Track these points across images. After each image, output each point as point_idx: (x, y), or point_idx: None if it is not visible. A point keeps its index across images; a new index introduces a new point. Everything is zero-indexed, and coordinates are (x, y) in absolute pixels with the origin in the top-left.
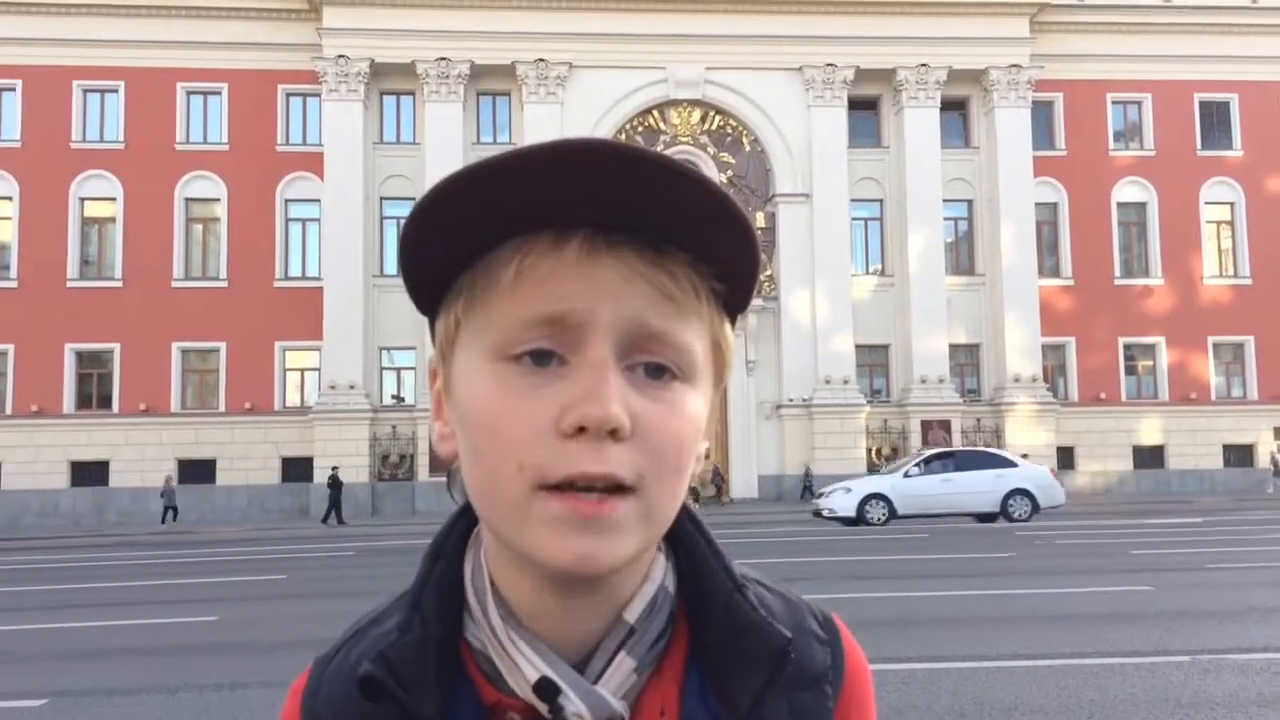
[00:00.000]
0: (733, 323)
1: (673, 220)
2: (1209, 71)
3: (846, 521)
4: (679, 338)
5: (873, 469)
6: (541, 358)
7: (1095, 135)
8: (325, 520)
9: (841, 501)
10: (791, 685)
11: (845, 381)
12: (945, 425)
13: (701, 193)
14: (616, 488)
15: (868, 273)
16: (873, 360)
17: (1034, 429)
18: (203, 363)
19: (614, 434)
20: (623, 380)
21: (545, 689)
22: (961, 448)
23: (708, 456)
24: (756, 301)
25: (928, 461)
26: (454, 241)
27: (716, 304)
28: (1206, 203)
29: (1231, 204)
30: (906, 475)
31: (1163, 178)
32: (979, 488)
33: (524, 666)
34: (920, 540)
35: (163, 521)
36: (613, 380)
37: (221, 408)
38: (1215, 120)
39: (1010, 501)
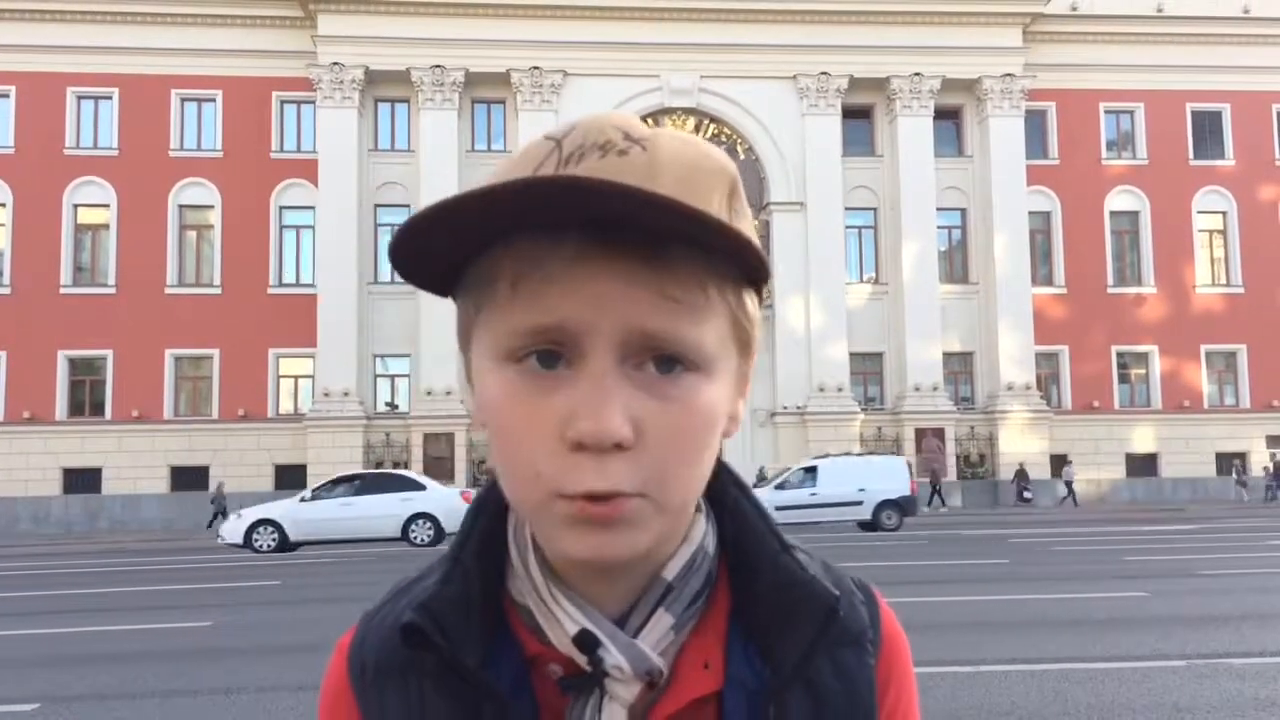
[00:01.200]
0: (757, 293)
1: (669, 230)
2: (1201, 81)
3: (237, 546)
4: (685, 336)
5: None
6: (547, 359)
7: (1088, 144)
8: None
9: (231, 527)
10: (836, 644)
11: (839, 389)
12: (939, 433)
13: (691, 222)
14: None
15: (862, 281)
16: (867, 368)
17: (1027, 437)
18: (196, 369)
19: (617, 445)
20: (627, 384)
21: (585, 641)
22: (369, 470)
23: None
24: None
25: (332, 485)
26: (450, 249)
27: (732, 285)
28: (1199, 212)
29: (1224, 213)
30: (303, 500)
31: (1155, 187)
32: (382, 512)
33: (564, 620)
34: (917, 547)
35: (209, 526)
36: (613, 392)
37: (215, 415)
38: (1207, 130)
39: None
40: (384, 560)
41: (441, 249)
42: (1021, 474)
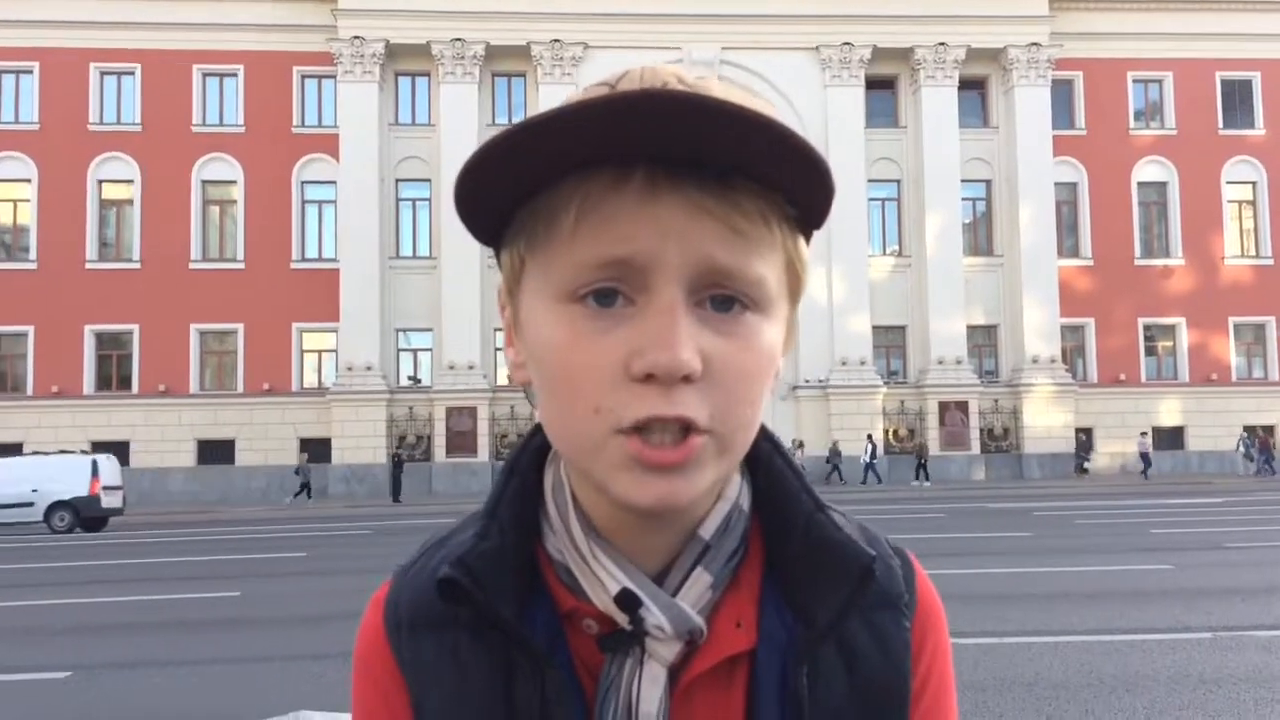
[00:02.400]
0: (807, 239)
1: (737, 156)
2: (1231, 50)
3: None
4: (750, 272)
5: (889, 450)
6: (605, 297)
7: (1116, 114)
8: (395, 498)
9: None
10: (871, 606)
11: (862, 362)
12: (963, 407)
13: (769, 136)
14: (690, 427)
15: (885, 253)
16: (890, 341)
17: (1052, 410)
18: (220, 344)
19: (685, 378)
20: (692, 319)
21: (627, 600)
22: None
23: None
24: None
25: None
26: (512, 183)
27: (789, 226)
28: (1228, 182)
29: (1253, 183)
30: None
31: (1184, 157)
32: None
33: (605, 579)
34: (940, 520)
35: (294, 497)
36: (682, 324)
37: (240, 389)
38: (1237, 99)
39: None
40: (413, 533)
41: (505, 183)
42: (1082, 445)
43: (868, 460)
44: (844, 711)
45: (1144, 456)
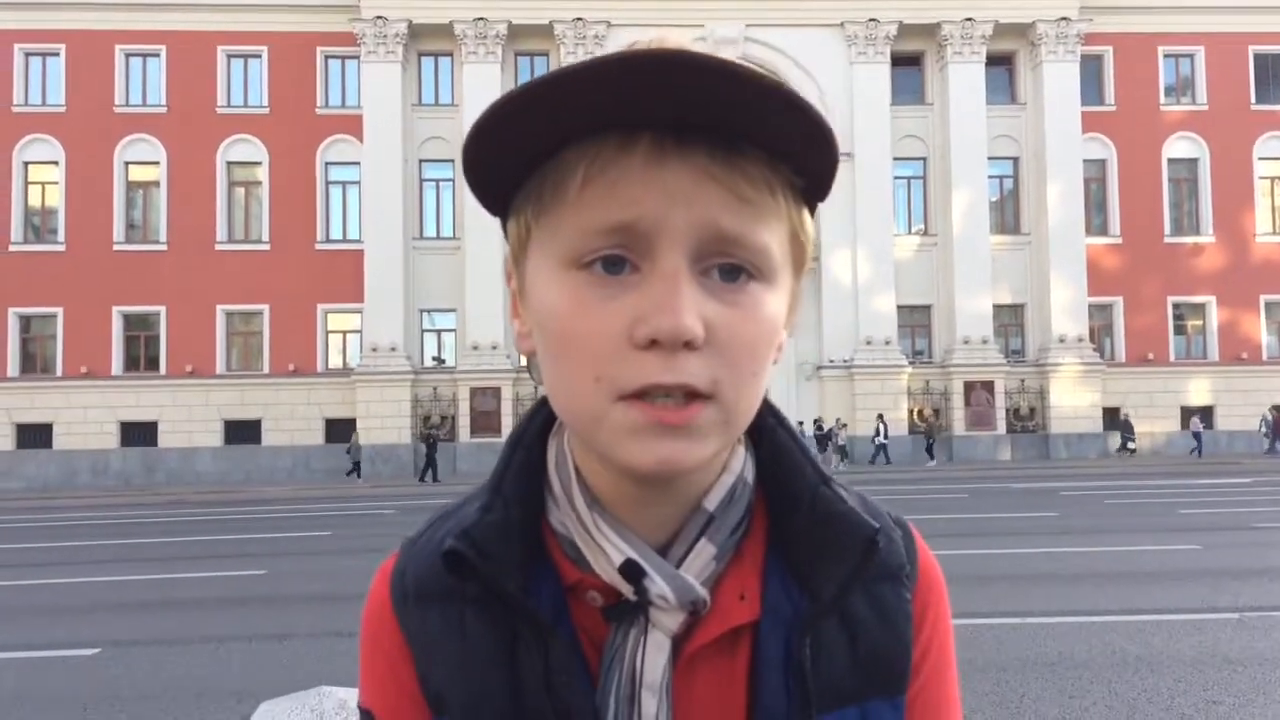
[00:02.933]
0: (812, 212)
1: (745, 122)
2: (1264, 23)
3: None
4: (755, 239)
5: (913, 430)
6: (613, 264)
7: (1146, 90)
8: (422, 478)
9: None
10: (874, 577)
11: (887, 342)
12: (989, 386)
13: (783, 101)
14: (693, 394)
15: (910, 232)
16: (915, 321)
17: (1079, 390)
18: (246, 325)
19: (688, 344)
20: (696, 287)
21: (631, 571)
22: None
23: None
24: None
25: None
26: (520, 146)
27: (795, 196)
28: (1260, 158)
29: None
30: None
31: (1215, 133)
32: None
33: (609, 550)
34: (961, 500)
35: (347, 475)
36: (685, 290)
37: (266, 369)
38: (1270, 73)
39: None
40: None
41: (513, 147)
42: (1125, 425)
43: (881, 441)
44: (846, 682)
45: (1196, 436)
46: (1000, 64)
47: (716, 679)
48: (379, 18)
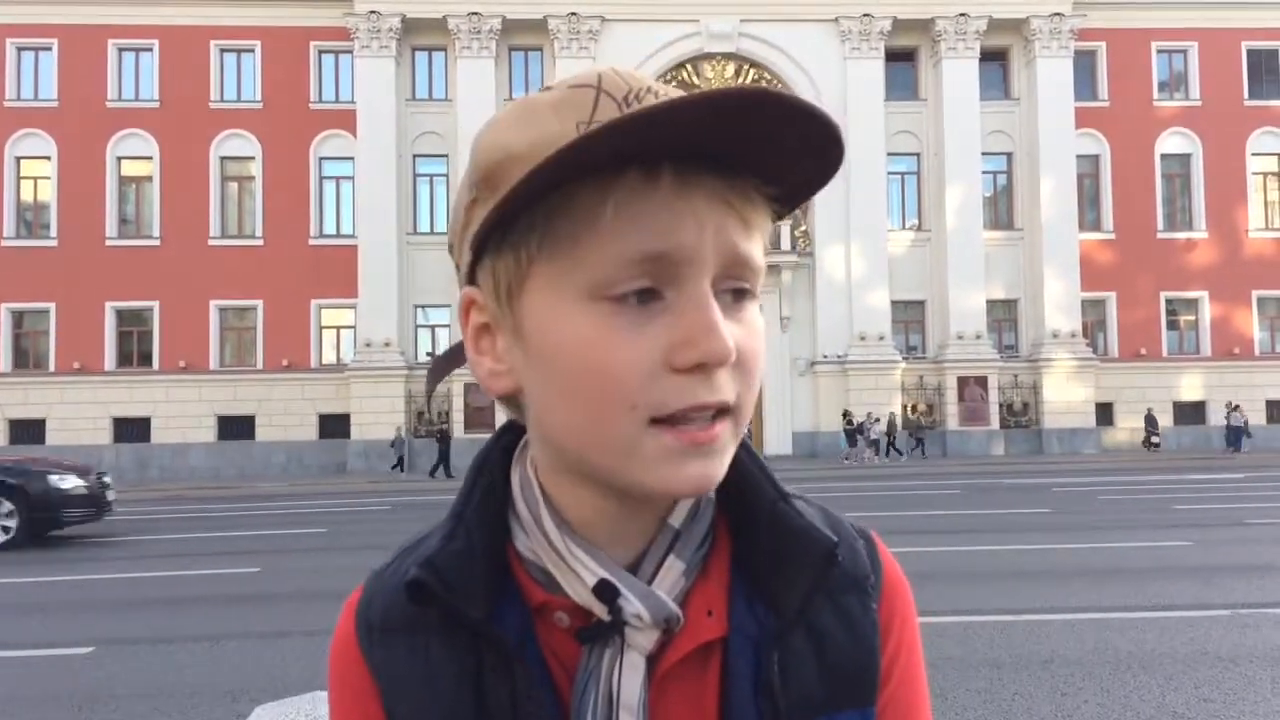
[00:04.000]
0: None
1: (765, 153)
2: (1257, 19)
3: None
4: (756, 261)
5: (906, 425)
6: (646, 295)
7: (1139, 85)
8: (433, 473)
9: None
10: (837, 589)
11: (880, 338)
12: (982, 382)
13: (820, 133)
14: (722, 411)
15: (904, 228)
16: (909, 316)
17: (1072, 385)
18: (240, 320)
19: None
20: (719, 308)
21: (605, 591)
22: None
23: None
24: (791, 258)
25: None
26: (538, 186)
27: (772, 213)
28: (1253, 154)
29: (1279, 155)
30: None
31: (1208, 128)
32: None
33: (581, 572)
34: (955, 496)
35: (392, 468)
36: (719, 314)
37: (259, 365)
38: (1263, 69)
39: None
40: (433, 509)
41: (552, 180)
42: (1150, 420)
43: (873, 437)
44: (815, 695)
45: (1234, 430)
46: (994, 60)
47: (689, 696)
48: (373, 12)
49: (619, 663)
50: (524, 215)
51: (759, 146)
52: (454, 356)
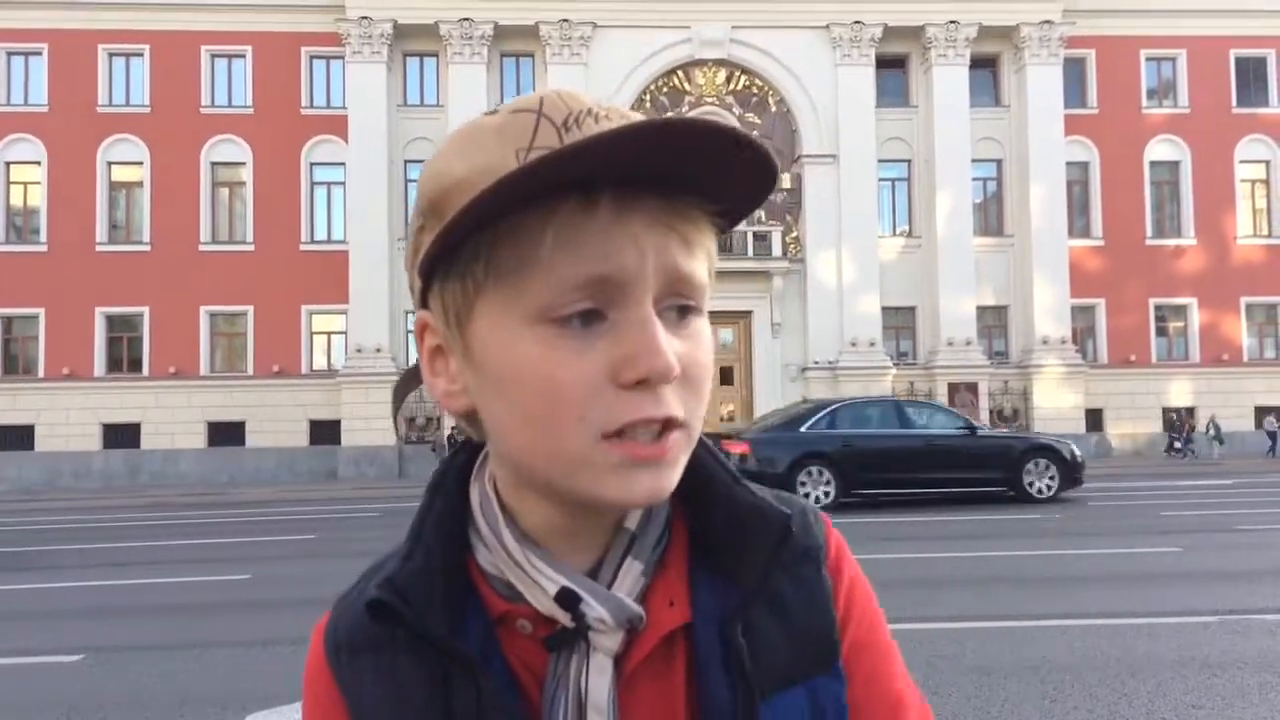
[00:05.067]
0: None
1: (702, 178)
2: (1245, 26)
3: None
4: (700, 278)
5: None
6: (589, 317)
7: (1128, 93)
8: None
9: None
10: (793, 560)
11: (871, 344)
12: (972, 388)
13: (755, 162)
14: (670, 424)
15: (895, 234)
16: (899, 323)
17: (1062, 391)
18: (230, 326)
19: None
20: (662, 326)
21: (567, 598)
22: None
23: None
24: (783, 264)
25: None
26: (479, 213)
27: (716, 230)
28: (1241, 161)
29: (1267, 162)
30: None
31: (1197, 136)
32: None
33: (543, 581)
34: (944, 503)
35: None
36: (662, 332)
37: (250, 371)
38: (1251, 76)
39: None
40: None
41: (497, 209)
42: (1214, 425)
43: None
44: (785, 664)
45: (1272, 435)
46: (984, 67)
47: (658, 688)
48: (364, 18)
49: (586, 666)
50: (469, 243)
51: (694, 172)
52: (414, 376)
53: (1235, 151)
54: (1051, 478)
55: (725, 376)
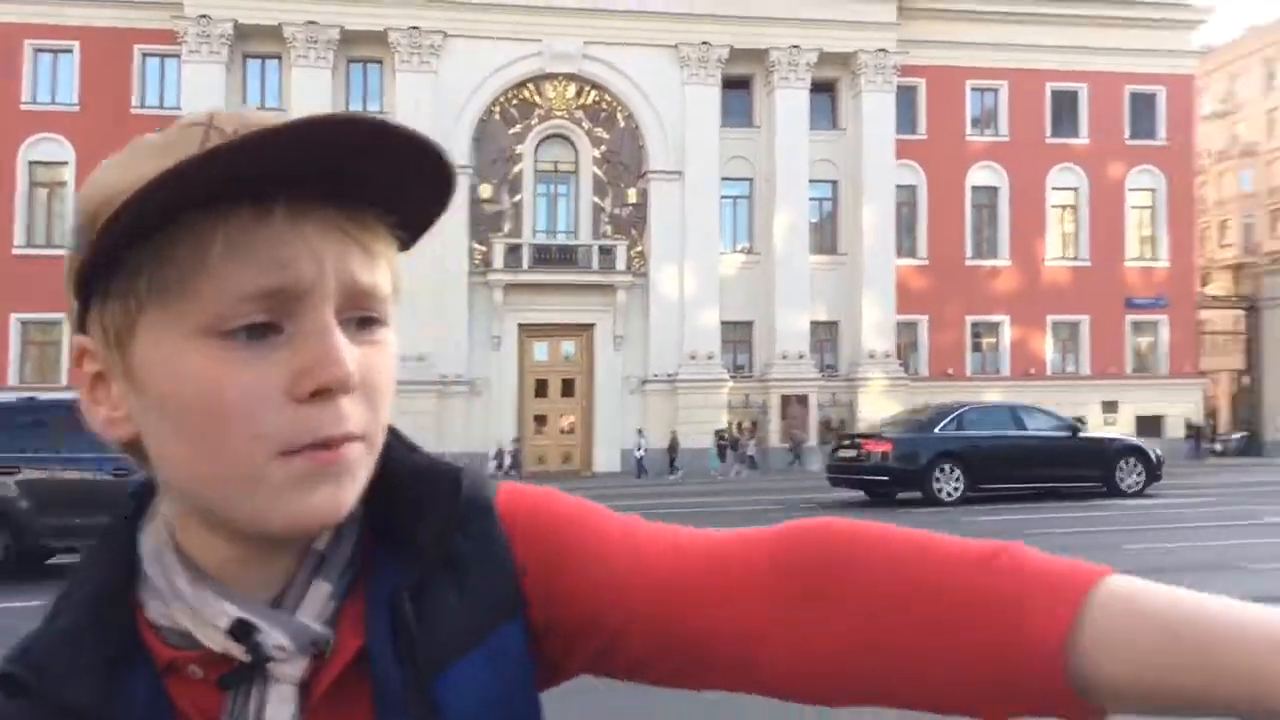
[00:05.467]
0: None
1: (377, 181)
2: (1061, 61)
3: None
4: (382, 290)
5: (734, 442)
6: (257, 331)
7: (954, 120)
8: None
9: None
10: (468, 517)
11: (710, 357)
12: (803, 400)
13: (430, 163)
14: (346, 439)
15: (735, 250)
16: (737, 336)
17: (885, 403)
18: (44, 335)
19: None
20: (342, 335)
21: (240, 630)
22: None
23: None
24: (626, 278)
25: None
26: (130, 223)
27: (395, 239)
28: (1053, 188)
29: (1075, 189)
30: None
31: (1014, 163)
32: None
33: (217, 619)
34: (771, 514)
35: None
36: (342, 340)
37: (62, 382)
38: (1064, 108)
39: None
40: None
41: (151, 219)
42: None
43: (638, 455)
44: (462, 624)
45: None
46: (824, 91)
47: (349, 714)
48: (203, 16)
49: (264, 699)
50: (130, 259)
51: (367, 174)
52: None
53: (1047, 179)
54: (1139, 475)
55: (567, 389)
